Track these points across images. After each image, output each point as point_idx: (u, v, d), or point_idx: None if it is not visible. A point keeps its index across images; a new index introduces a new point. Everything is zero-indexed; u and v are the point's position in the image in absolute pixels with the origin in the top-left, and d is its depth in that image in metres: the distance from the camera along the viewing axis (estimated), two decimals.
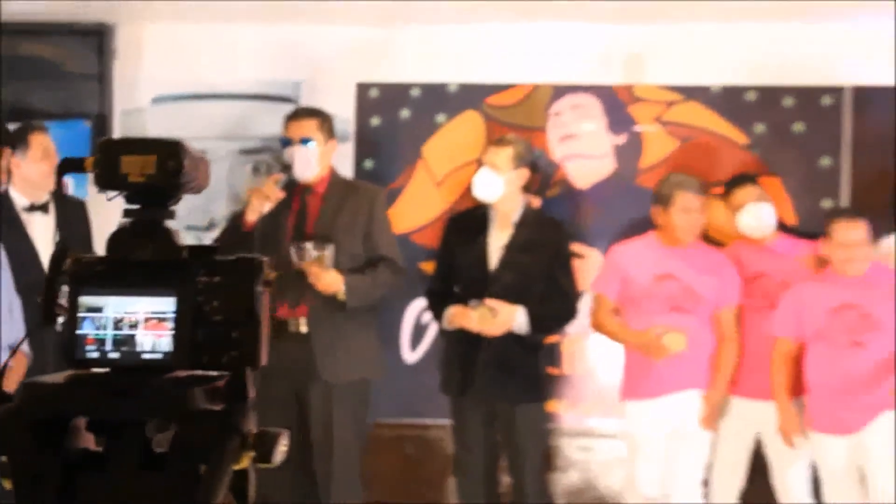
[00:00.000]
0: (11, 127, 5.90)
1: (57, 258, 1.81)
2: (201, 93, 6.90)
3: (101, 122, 6.81)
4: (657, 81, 6.75)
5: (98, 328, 1.77)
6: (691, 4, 6.26)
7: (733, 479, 6.29)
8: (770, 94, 6.69)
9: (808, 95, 6.67)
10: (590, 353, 6.69)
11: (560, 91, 6.77)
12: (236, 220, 6.09)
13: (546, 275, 6.02)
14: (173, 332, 1.76)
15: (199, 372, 1.78)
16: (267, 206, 5.89)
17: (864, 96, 6.64)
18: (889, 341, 5.86)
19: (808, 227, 6.35)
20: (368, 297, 5.92)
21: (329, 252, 5.77)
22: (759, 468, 6.28)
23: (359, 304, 5.84)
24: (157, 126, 6.89)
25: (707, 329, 6.14)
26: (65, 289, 1.82)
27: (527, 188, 6.12)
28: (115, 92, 6.86)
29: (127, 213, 1.83)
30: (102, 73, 6.83)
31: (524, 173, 6.04)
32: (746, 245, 6.26)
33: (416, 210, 6.76)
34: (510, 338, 5.93)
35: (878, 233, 6.13)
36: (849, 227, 5.90)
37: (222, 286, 1.79)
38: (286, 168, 5.97)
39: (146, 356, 1.76)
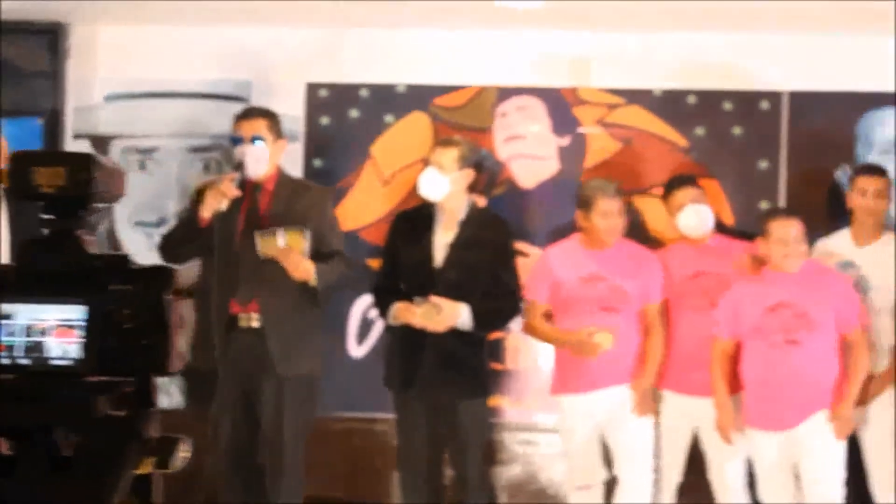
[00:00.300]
0: None
1: None
2: (153, 91, 6.89)
3: (55, 118, 6.81)
4: (601, 85, 6.79)
5: (9, 335, 1.79)
6: (635, 12, 6.28)
7: (671, 474, 6.32)
8: (710, 99, 6.75)
9: (746, 100, 6.74)
10: (533, 349, 6.70)
11: (506, 93, 6.81)
12: (189, 216, 6.10)
13: (490, 272, 6.03)
14: (83, 339, 1.77)
15: (108, 378, 1.80)
16: (224, 204, 5.90)
17: (801, 101, 6.71)
18: (824, 340, 5.91)
19: (746, 228, 6.38)
20: (331, 284, 5.96)
21: (307, 239, 5.80)
22: (696, 463, 6.31)
23: (325, 292, 5.90)
24: (109, 123, 6.90)
25: (634, 326, 6.19)
26: None
27: (472, 187, 6.14)
28: (69, 89, 6.85)
29: (41, 222, 1.84)
30: (56, 71, 6.81)
31: (469, 173, 6.05)
32: (685, 244, 6.29)
33: (365, 208, 6.79)
34: (454, 334, 5.93)
35: (813, 233, 6.18)
36: (785, 224, 5.93)
37: (133, 295, 1.81)
38: (239, 166, 5.97)
39: (56, 362, 1.78)
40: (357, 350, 6.82)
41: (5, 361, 1.80)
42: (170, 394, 6.85)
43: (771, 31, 6.54)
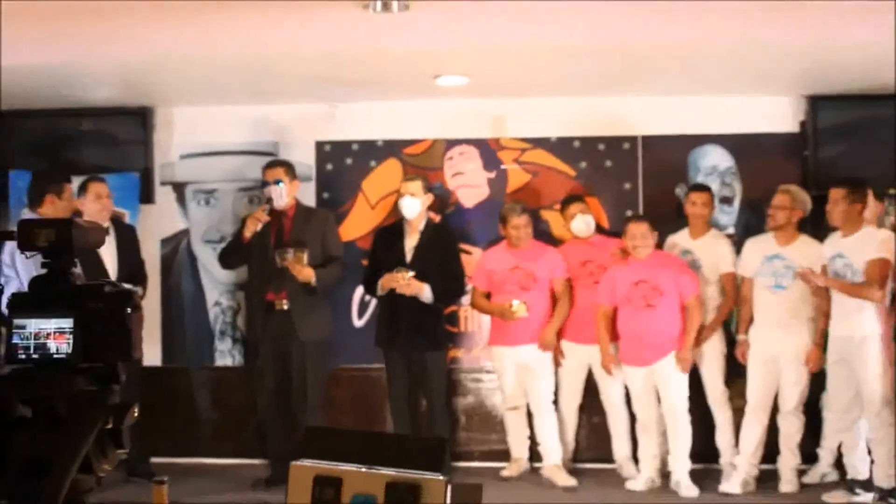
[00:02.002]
0: (80, 179, 5.96)
1: (7, 301, 1.87)
2: (213, 150, 6.85)
3: (147, 173, 6.78)
4: (514, 135, 6.76)
5: (23, 339, 1.83)
6: (535, 84, 6.28)
7: (574, 398, 6.40)
8: (589, 142, 6.72)
9: (614, 142, 6.70)
10: (478, 317, 6.70)
11: (451, 143, 6.78)
12: (237, 236, 6.19)
13: (442, 265, 6.08)
14: (71, 340, 1.83)
15: (88, 365, 1.84)
16: (259, 227, 5.99)
17: (650, 142, 6.68)
18: (671, 304, 5.95)
19: (617, 230, 6.36)
20: (328, 283, 6.02)
21: (306, 254, 5.88)
22: (590, 389, 6.38)
23: (322, 287, 5.95)
24: (184, 174, 6.87)
25: (544, 300, 6.22)
26: None
27: (429, 208, 6.23)
28: (155, 152, 6.81)
29: (44, 264, 1.89)
30: (146, 139, 6.78)
31: (430, 196, 6.15)
32: (576, 242, 6.33)
33: (359, 225, 6.74)
34: (421, 308, 5.99)
35: (664, 232, 6.22)
36: (636, 225, 5.99)
37: (105, 310, 1.84)
38: (269, 201, 6.04)
39: (55, 356, 1.82)
40: (358, 322, 6.78)
41: (22, 356, 1.83)
42: (233, 356, 6.93)
43: (628, 96, 6.52)
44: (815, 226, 5.95)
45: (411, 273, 5.92)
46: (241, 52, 5.29)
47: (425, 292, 5.94)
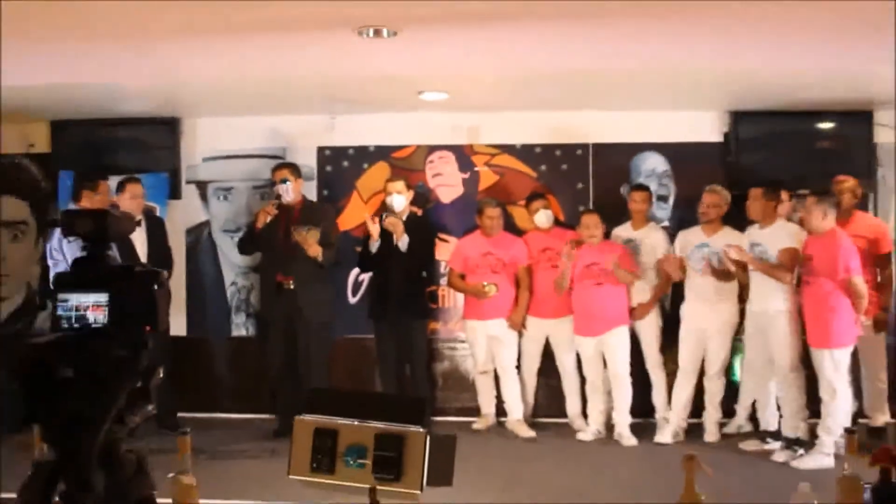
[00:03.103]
0: (118, 179, 5.90)
1: (52, 279, 1.86)
2: (231, 154, 6.80)
3: (175, 173, 6.72)
4: (486, 142, 6.73)
5: (67, 311, 1.83)
6: (502, 100, 6.25)
7: (534, 364, 6.39)
8: (548, 148, 6.69)
9: (569, 148, 6.68)
10: (454, 296, 6.67)
11: (432, 149, 6.73)
12: (250, 227, 6.16)
13: (418, 245, 6.07)
14: (108, 312, 1.82)
15: (122, 332, 1.83)
16: (269, 219, 5.96)
17: (600, 149, 6.66)
18: (617, 283, 5.97)
19: (572, 223, 6.38)
20: (329, 261, 5.96)
21: (317, 231, 5.86)
22: (548, 356, 6.38)
23: (326, 263, 5.91)
24: (206, 174, 6.81)
25: (510, 282, 6.23)
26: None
27: (412, 203, 6.21)
28: (182, 156, 6.76)
29: (83, 248, 1.88)
30: (174, 145, 6.73)
31: (412, 193, 6.14)
32: (538, 233, 6.31)
33: (354, 217, 6.68)
34: (407, 284, 5.99)
35: (611, 224, 6.22)
36: (589, 217, 6.02)
37: (135, 286, 1.84)
38: (278, 197, 6.02)
39: (94, 325, 1.82)
40: (352, 299, 6.76)
41: (65, 325, 1.84)
42: (247, 328, 6.90)
43: (582, 110, 6.49)
44: (736, 219, 5.98)
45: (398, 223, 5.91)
46: (256, 73, 5.27)
47: (404, 238, 5.95)
